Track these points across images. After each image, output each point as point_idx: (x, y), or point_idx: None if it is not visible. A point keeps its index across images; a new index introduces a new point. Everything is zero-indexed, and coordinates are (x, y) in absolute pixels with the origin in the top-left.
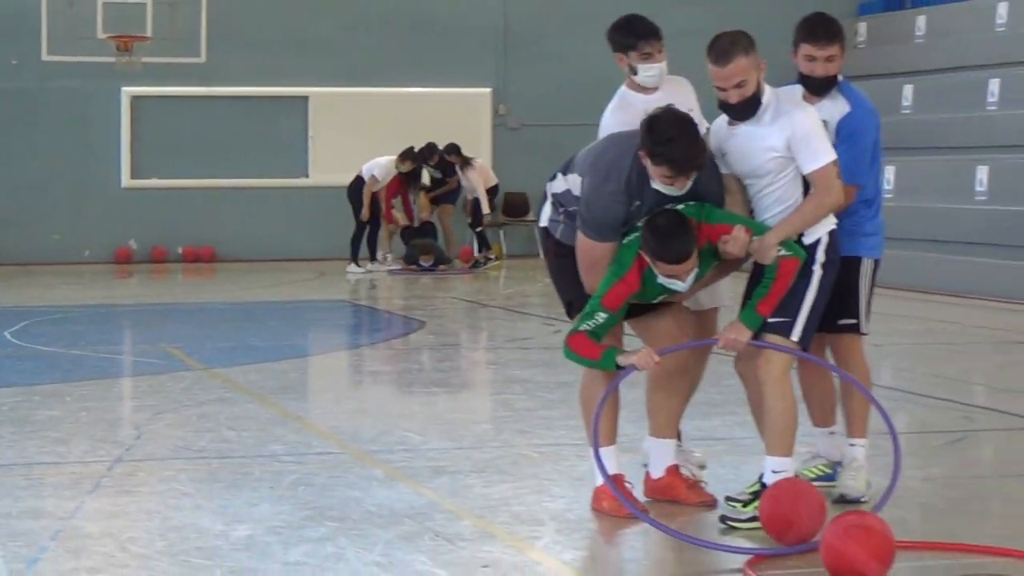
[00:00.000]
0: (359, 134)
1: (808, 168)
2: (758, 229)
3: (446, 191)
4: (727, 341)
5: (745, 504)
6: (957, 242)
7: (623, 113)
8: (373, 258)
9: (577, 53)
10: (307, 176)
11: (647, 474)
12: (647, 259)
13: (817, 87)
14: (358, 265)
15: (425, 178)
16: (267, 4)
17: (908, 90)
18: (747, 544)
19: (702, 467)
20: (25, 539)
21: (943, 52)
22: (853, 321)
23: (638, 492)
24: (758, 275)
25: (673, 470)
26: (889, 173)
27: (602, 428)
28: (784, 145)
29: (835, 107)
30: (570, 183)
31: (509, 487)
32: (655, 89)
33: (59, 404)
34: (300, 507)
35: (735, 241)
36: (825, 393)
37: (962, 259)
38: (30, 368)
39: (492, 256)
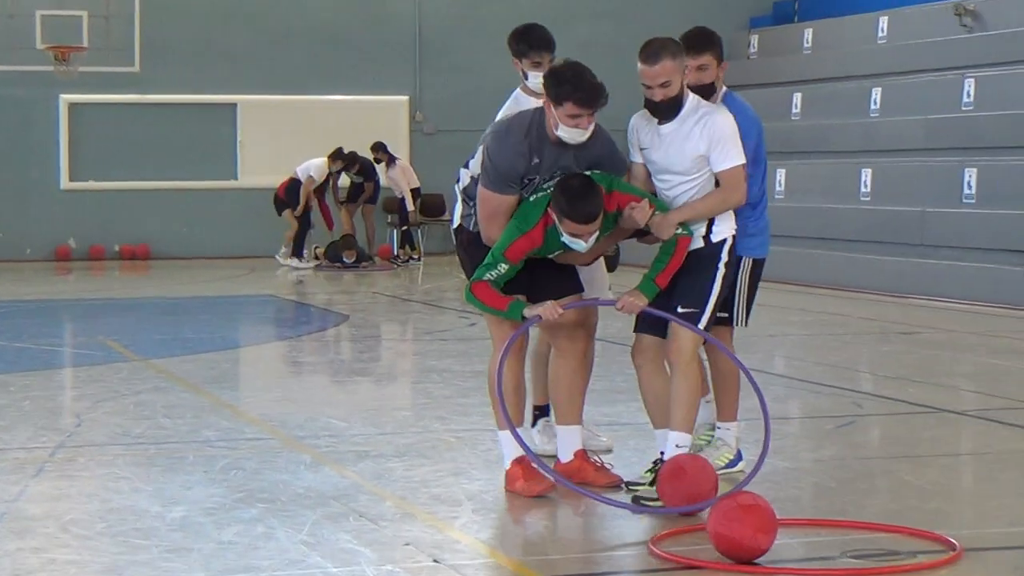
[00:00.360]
0: (285, 139)
1: (720, 167)
2: (661, 206)
3: (366, 197)
4: (625, 303)
5: (651, 483)
6: (844, 240)
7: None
8: (300, 256)
9: (485, 64)
10: (236, 179)
11: (556, 459)
12: (554, 217)
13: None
14: (298, 259)
15: (344, 181)
16: (198, 17)
17: (797, 98)
18: (657, 520)
19: (608, 451)
20: None
21: (829, 63)
22: (726, 315)
23: None
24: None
25: (581, 454)
26: (780, 176)
27: (510, 410)
28: (707, 146)
29: None
30: (473, 169)
31: (428, 470)
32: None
33: (3, 393)
34: (232, 490)
35: (640, 211)
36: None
37: (848, 255)
38: None
39: (415, 256)
